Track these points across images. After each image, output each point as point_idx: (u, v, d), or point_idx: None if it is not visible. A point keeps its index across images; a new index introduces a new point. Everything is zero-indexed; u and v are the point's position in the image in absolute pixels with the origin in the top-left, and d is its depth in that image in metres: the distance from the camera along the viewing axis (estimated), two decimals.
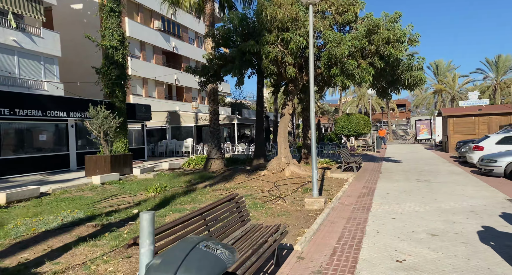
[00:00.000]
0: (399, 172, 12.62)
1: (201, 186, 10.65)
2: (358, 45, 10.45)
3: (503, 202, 6.97)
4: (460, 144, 16.69)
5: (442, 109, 22.56)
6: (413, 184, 9.87)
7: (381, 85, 13.63)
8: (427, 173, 12.06)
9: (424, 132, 33.93)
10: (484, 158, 10.93)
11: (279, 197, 8.72)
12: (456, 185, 9.27)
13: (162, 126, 25.42)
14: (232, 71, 11.41)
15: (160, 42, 29.43)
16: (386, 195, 8.29)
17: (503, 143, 12.23)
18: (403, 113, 68.43)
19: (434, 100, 51.91)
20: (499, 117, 19.49)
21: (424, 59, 11.24)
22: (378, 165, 15.26)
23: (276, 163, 12.59)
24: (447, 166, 13.90)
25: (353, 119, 23.25)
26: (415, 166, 14.56)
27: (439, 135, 25.65)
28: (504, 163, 10.21)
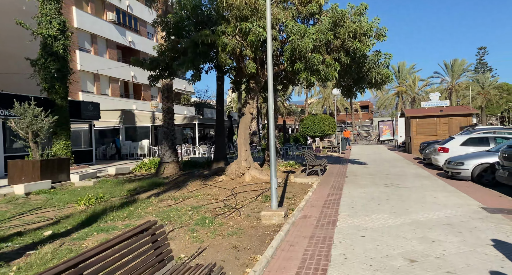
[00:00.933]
0: (365, 176, 11.95)
1: (145, 195, 9.19)
2: (323, 39, 9.56)
3: (478, 212, 6.30)
4: (423, 145, 16.55)
5: (405, 110, 22.66)
6: (381, 189, 9.13)
7: (346, 83, 12.93)
8: (394, 177, 11.47)
9: (386, 133, 34.43)
10: (451, 161, 10.50)
11: (235, 208, 7.55)
12: (425, 191, 8.63)
13: (115, 126, 23.30)
14: (185, 65, 10.06)
15: (114, 36, 27.16)
16: (353, 204, 7.40)
17: (468, 144, 11.97)
18: (366, 114, 70.22)
19: (396, 102, 53.49)
20: (459, 118, 19.76)
21: (391, 56, 10.61)
22: (344, 168, 14.60)
23: (235, 167, 11.41)
24: (413, 169, 13.50)
25: (319, 120, 22.69)
26: (381, 168, 14.05)
27: (402, 136, 25.87)
28: (471, 166, 9.79)
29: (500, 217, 5.85)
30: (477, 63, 71.25)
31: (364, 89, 12.55)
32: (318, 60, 9.47)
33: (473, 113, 19.87)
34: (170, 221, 6.43)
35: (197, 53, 9.81)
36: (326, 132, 23.69)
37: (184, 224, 6.23)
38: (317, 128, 22.65)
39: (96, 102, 19.21)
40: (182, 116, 24.42)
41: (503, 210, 6.30)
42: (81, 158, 17.71)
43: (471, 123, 19.49)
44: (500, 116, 63.23)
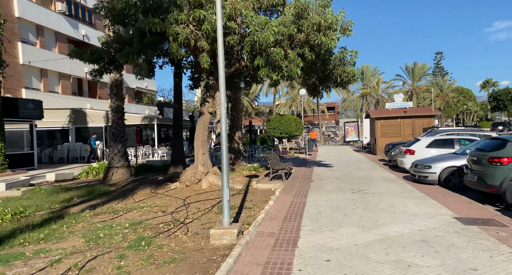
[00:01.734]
0: (331, 180, 11.29)
1: (80, 207, 7.82)
2: (285, 32, 8.71)
3: (452, 223, 5.70)
4: (389, 146, 16.34)
5: (370, 112, 22.63)
6: (347, 196, 8.43)
7: (312, 82, 12.24)
8: (361, 181, 10.90)
9: (352, 134, 34.68)
10: (417, 164, 10.08)
11: (182, 223, 6.45)
12: (394, 197, 8.04)
13: (64, 126, 21.15)
14: (130, 57, 8.78)
15: (64, 28, 24.82)
16: (317, 215, 6.58)
17: (433, 146, 11.70)
18: (333, 115, 71.39)
19: (361, 103, 54.63)
20: (422, 119, 19.93)
21: (357, 53, 10.03)
22: (310, 171, 13.92)
23: (191, 173, 10.27)
24: (379, 171, 13.09)
25: (285, 121, 22.03)
26: (347, 171, 13.52)
27: (367, 137, 25.93)
28: (439, 169, 9.40)
29: (476, 229, 5.27)
30: (434, 67, 74.97)
31: (330, 88, 11.92)
32: (280, 56, 8.60)
33: (435, 114, 20.15)
34: (97, 244, 5.22)
35: (144, 43, 8.58)
36: (293, 134, 23.11)
37: (113, 247, 5.05)
38: (283, 129, 21.99)
39: (38, 100, 17.13)
40: (140, 116, 22.74)
41: (477, 220, 5.76)
42: (19, 162, 15.64)
43: (433, 125, 19.72)
44: (455, 118, 66.91)
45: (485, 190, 7.11)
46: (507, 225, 5.43)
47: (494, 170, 6.92)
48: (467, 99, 56.68)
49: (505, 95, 64.92)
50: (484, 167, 7.20)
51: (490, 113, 72.64)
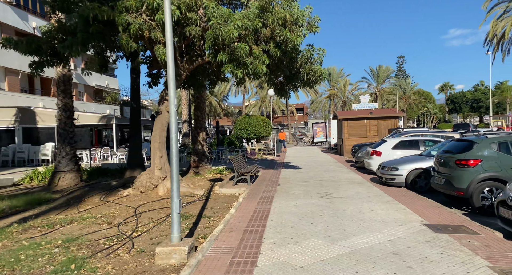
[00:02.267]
0: (298, 183, 10.83)
1: (8, 221, 6.72)
2: (250, 26, 8.10)
3: (422, 232, 5.35)
4: (355, 147, 16.28)
5: (337, 113, 22.67)
6: (314, 201, 7.96)
7: (278, 81, 11.74)
8: (328, 183, 10.54)
9: (320, 135, 34.88)
10: (384, 166, 9.87)
11: (128, 237, 5.62)
12: (362, 202, 7.67)
13: (9, 127, 19.15)
14: (73, 48, 7.73)
15: (11, 20, 22.61)
16: (282, 224, 6.01)
17: (399, 147, 11.63)
18: (302, 116, 72.16)
19: (328, 104, 55.48)
20: (387, 121, 20.19)
21: (324, 51, 9.64)
22: (277, 173, 13.42)
23: (146, 178, 9.36)
24: (346, 173, 12.85)
25: (253, 121, 21.48)
26: (315, 173, 13.17)
27: (334, 138, 26.03)
28: (405, 172, 9.22)
29: (447, 238, 4.93)
30: (397, 71, 78.08)
31: (297, 87, 11.48)
32: (244, 51, 7.99)
33: (399, 116, 20.52)
34: (13, 270, 4.27)
35: (90, 33, 7.58)
36: (262, 134, 22.62)
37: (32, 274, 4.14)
38: (251, 130, 21.42)
39: None
40: (97, 116, 21.16)
41: (447, 227, 5.46)
42: None
43: (398, 126, 20.04)
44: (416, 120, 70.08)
45: (453, 193, 6.91)
46: (478, 232, 5.16)
47: (461, 173, 6.74)
48: (427, 102, 59.42)
49: (460, 98, 69.07)
50: (451, 169, 7.01)
51: (447, 115, 76.96)
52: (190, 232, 5.92)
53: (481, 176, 6.50)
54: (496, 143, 6.64)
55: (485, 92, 62.34)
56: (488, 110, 60.43)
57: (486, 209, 6.44)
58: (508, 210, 4.85)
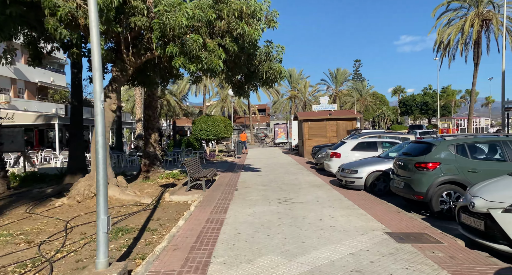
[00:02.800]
0: (257, 187, 10.26)
1: None
2: (203, 17, 7.38)
3: (386, 242, 4.98)
4: (315, 149, 16.13)
5: (298, 114, 22.58)
6: (273, 208, 7.41)
7: (237, 79, 11.11)
8: (288, 187, 10.09)
9: (281, 136, 34.85)
10: (344, 168, 9.63)
11: (48, 260, 4.64)
12: (322, 207, 7.26)
13: None
14: None
15: None
16: (235, 238, 5.36)
17: (358, 149, 11.52)
18: (264, 117, 72.28)
19: (290, 105, 56.00)
20: (345, 122, 20.41)
21: (283, 48, 9.17)
22: (236, 176, 12.76)
23: (85, 185, 8.24)
24: (307, 176, 12.54)
25: (213, 122, 20.64)
26: (275, 176, 12.71)
27: (295, 139, 25.98)
28: (365, 174, 9.02)
29: (411, 249, 4.59)
30: (354, 74, 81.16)
31: (256, 86, 10.92)
32: (197, 44, 7.25)
33: (357, 117, 20.84)
34: None
35: (8, 15, 6.37)
36: (222, 135, 21.84)
37: None
38: (211, 131, 20.57)
39: None
40: (33, 115, 19.06)
41: (410, 236, 5.16)
42: None
43: (356, 127, 20.34)
44: (372, 121, 73.33)
45: (412, 197, 6.72)
46: (440, 240, 4.90)
47: (420, 176, 6.55)
48: (382, 104, 62.25)
49: (411, 101, 73.36)
50: (411, 172, 6.82)
51: (400, 117, 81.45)
52: (128, 251, 5.07)
53: (440, 179, 6.35)
54: (454, 145, 6.54)
55: (433, 96, 66.72)
56: (435, 112, 64.74)
57: (445, 213, 6.30)
58: (470, 216, 4.62)
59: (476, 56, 27.40)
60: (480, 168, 6.25)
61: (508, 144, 6.33)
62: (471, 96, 28.85)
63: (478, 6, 26.52)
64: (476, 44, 27.06)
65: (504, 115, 20.95)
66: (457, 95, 71.12)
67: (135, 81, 11.37)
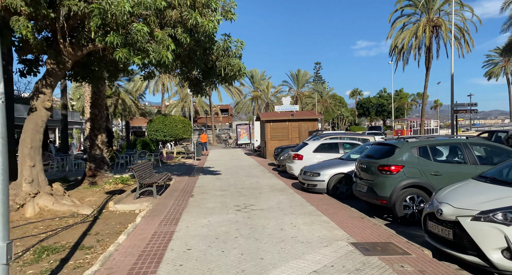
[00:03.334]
0: (215, 193, 9.55)
1: None
2: (151, 5, 6.55)
3: (351, 255, 4.55)
4: (277, 150, 15.75)
5: (260, 114, 22.15)
6: (231, 216, 6.77)
7: (193, 76, 10.32)
8: (249, 192, 9.50)
9: (244, 137, 34.31)
10: (306, 171, 9.24)
11: None
12: (284, 214, 6.76)
13: None
14: None
15: None
16: (184, 257, 4.63)
17: (320, 150, 11.24)
18: (226, 118, 71.31)
19: (253, 106, 55.74)
20: (307, 123, 20.32)
21: (243, 43, 8.56)
22: (193, 181, 11.93)
23: None
24: (268, 179, 12.04)
25: (170, 122, 19.52)
26: (236, 179, 12.07)
27: (258, 140, 25.56)
28: (327, 177, 8.69)
29: (378, 262, 4.19)
30: (314, 76, 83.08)
31: (215, 84, 10.22)
32: (142, 33, 6.40)
33: (318, 118, 20.87)
34: None
35: None
36: (180, 136, 20.77)
37: None
38: (168, 132, 19.43)
39: None
40: None
41: (376, 246, 4.78)
42: None
43: (317, 128, 20.34)
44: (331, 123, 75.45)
45: (376, 201, 6.43)
46: (407, 250, 4.57)
47: (383, 179, 6.28)
48: (341, 106, 64.16)
49: (368, 103, 76.64)
50: (374, 175, 6.53)
51: (357, 119, 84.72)
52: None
53: (403, 183, 6.11)
54: (417, 147, 6.35)
55: (387, 99, 70.16)
56: (390, 114, 68.02)
57: (408, 218, 6.07)
58: (438, 224, 4.33)
59: (428, 61, 28.90)
60: (442, 170, 6.09)
61: (468, 146, 6.25)
62: (423, 99, 30.40)
63: (429, 13, 27.97)
64: (428, 49, 28.54)
65: (453, 117, 22.15)
66: (409, 98, 75.52)
67: (77, 77, 10.14)
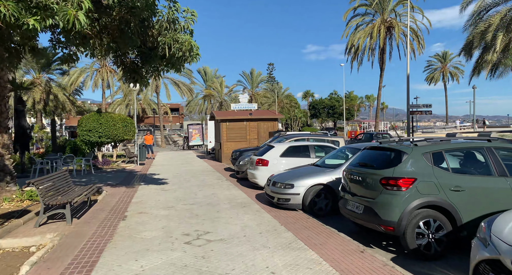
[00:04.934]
0: (158, 212, 7.27)
1: None
2: None
3: None
4: (236, 154, 13.73)
5: (215, 112, 19.94)
6: (176, 256, 4.62)
7: (129, 59, 7.93)
8: (203, 209, 7.37)
9: (196, 138, 31.70)
10: (276, 181, 7.38)
11: None
12: (254, 249, 4.79)
13: None
14: None
15: None
16: None
17: (288, 154, 9.47)
18: (177, 117, 67.44)
19: (205, 106, 53.09)
20: (267, 123, 18.60)
21: (195, 14, 6.44)
22: (131, 193, 9.45)
23: None
24: (227, 189, 9.98)
25: (107, 121, 16.48)
26: (186, 190, 9.83)
27: (212, 141, 23.29)
28: (303, 189, 6.92)
29: None
30: (268, 77, 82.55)
31: (158, 71, 7.92)
32: None
33: (278, 118, 19.29)
34: None
35: None
36: (120, 137, 17.73)
37: None
38: (104, 132, 16.36)
39: None
40: None
41: None
42: None
43: (278, 129, 18.74)
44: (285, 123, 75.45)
45: (379, 228, 4.73)
46: None
47: (389, 198, 4.62)
48: (295, 107, 64.14)
49: (320, 105, 78.01)
50: (374, 192, 4.85)
51: (309, 120, 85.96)
52: None
53: (417, 203, 4.51)
54: (430, 153, 4.79)
55: (338, 100, 71.88)
56: (341, 116, 69.73)
57: (423, 251, 4.48)
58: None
59: (382, 62, 29.04)
60: (464, 184, 4.59)
61: (493, 151, 4.84)
62: (378, 100, 30.55)
63: (383, 13, 28.04)
64: (382, 50, 28.64)
65: (409, 118, 22.01)
66: (357, 101, 78.30)
67: None
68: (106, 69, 36.95)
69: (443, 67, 64.39)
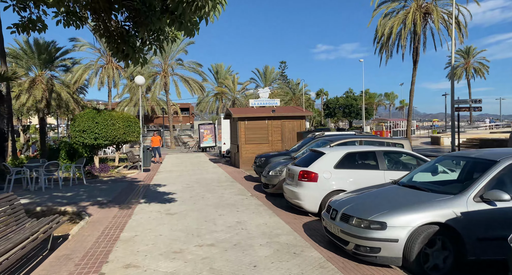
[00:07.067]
0: (157, 267, 4.47)
1: None
2: None
3: None
4: (261, 159, 10.89)
5: (232, 110, 17.13)
6: None
7: (115, 21, 5.19)
8: (228, 262, 4.55)
9: (208, 138, 29.04)
10: (348, 214, 4.51)
11: None
12: None
13: None
14: None
15: None
16: None
17: (347, 165, 6.56)
18: (187, 117, 65.13)
19: (216, 104, 50.54)
20: (292, 121, 15.71)
21: None
22: (123, 220, 6.69)
23: None
24: (257, 214, 7.11)
25: (104, 120, 13.86)
26: (199, 217, 7.02)
27: (226, 143, 20.55)
28: (405, 232, 4.00)
29: None
30: (280, 75, 79.50)
31: (158, 36, 5.14)
32: None
33: (306, 115, 16.37)
34: None
35: None
36: (122, 139, 15.09)
37: None
38: (102, 133, 13.73)
39: None
40: None
41: None
42: None
43: (306, 129, 15.83)
44: None
45: None
46: None
47: None
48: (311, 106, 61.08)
49: (334, 104, 74.57)
50: None
51: (323, 119, 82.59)
52: None
53: None
54: None
55: (355, 99, 68.39)
56: (358, 115, 66.22)
57: None
58: None
59: (416, 53, 25.79)
60: None
61: None
62: (410, 97, 27.24)
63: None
64: (416, 40, 25.37)
65: (453, 116, 18.83)
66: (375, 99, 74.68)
67: None
68: (112, 66, 34.68)
69: (467, 63, 60.34)
